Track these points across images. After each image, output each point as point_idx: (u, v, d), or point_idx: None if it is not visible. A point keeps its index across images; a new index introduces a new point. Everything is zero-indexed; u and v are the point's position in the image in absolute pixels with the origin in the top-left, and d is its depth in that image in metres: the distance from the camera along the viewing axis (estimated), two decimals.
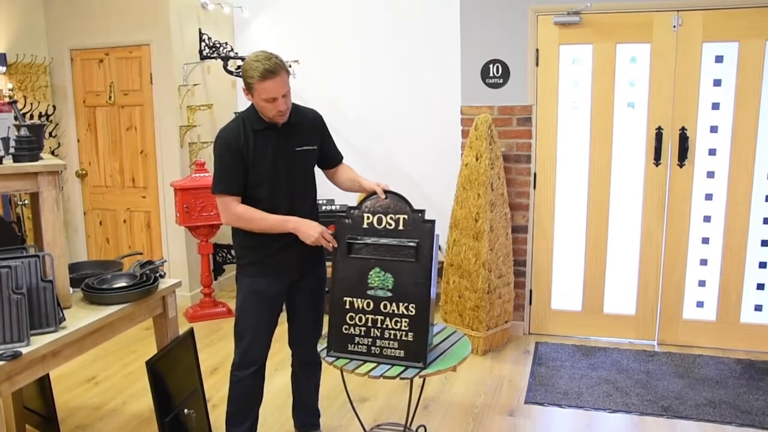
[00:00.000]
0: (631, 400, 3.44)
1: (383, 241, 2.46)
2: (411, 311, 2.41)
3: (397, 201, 2.50)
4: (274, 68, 2.38)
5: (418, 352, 2.40)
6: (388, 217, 2.47)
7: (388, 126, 5.19)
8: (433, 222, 2.43)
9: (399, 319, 2.42)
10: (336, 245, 2.51)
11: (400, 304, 2.42)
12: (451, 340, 2.66)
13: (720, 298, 4.09)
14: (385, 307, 2.44)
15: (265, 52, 2.42)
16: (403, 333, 2.41)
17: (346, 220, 2.53)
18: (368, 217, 2.50)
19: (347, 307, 2.49)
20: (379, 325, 2.45)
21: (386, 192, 2.54)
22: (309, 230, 2.49)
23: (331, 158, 2.79)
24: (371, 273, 2.46)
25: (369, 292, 2.46)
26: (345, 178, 2.79)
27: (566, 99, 4.18)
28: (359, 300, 2.48)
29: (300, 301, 2.77)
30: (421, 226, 2.43)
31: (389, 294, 2.44)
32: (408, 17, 5.02)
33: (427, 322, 2.41)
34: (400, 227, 2.45)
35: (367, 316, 2.46)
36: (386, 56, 5.13)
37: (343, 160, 2.85)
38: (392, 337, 2.43)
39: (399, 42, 5.07)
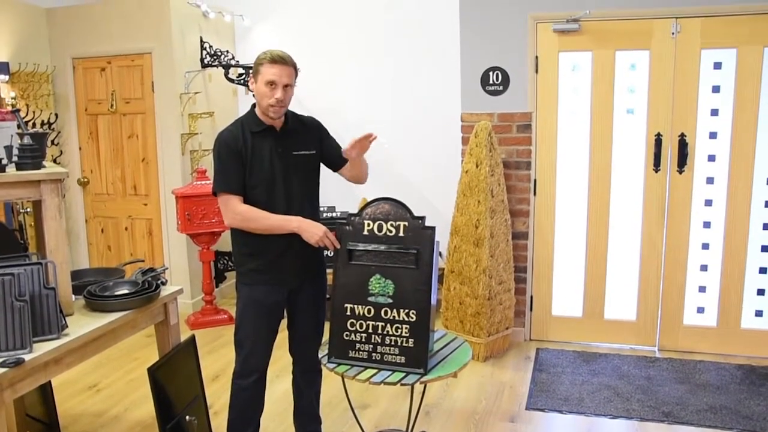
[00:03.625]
0: (632, 406, 3.44)
1: (383, 247, 2.47)
2: (412, 318, 2.41)
3: (397, 208, 2.51)
4: (285, 57, 2.50)
5: (418, 358, 2.40)
6: (389, 223, 2.48)
7: (388, 133, 5.20)
8: (433, 229, 2.44)
9: (400, 326, 2.43)
10: (339, 246, 2.52)
11: (401, 310, 2.43)
12: (451, 347, 2.67)
13: (720, 303, 4.09)
14: (385, 313, 2.45)
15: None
16: (404, 339, 2.42)
17: (347, 227, 2.54)
18: (369, 224, 2.51)
19: (348, 313, 2.50)
20: (379, 331, 2.45)
21: (386, 198, 2.53)
22: (312, 229, 2.50)
23: (336, 158, 2.77)
24: (372, 280, 2.47)
25: (370, 299, 2.47)
26: (351, 167, 2.77)
27: (566, 106, 4.19)
28: (360, 306, 2.49)
29: (301, 308, 2.77)
30: (421, 232, 2.44)
31: (390, 300, 2.44)
32: (408, 25, 5.05)
33: (428, 329, 2.42)
34: (401, 234, 2.46)
35: (367, 322, 2.47)
36: (387, 64, 5.15)
37: None
38: (393, 343, 2.43)
39: (399, 50, 5.10)
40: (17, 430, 3.01)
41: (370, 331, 2.47)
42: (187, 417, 2.68)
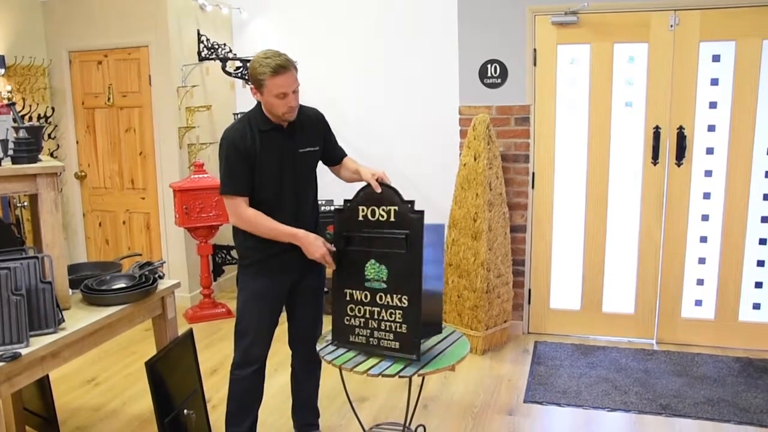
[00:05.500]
0: (629, 399, 3.44)
1: (376, 232, 2.46)
2: (404, 303, 2.40)
3: (388, 192, 2.48)
4: (285, 63, 2.41)
5: (411, 344, 2.40)
6: (381, 208, 2.47)
7: (386, 126, 5.20)
8: (421, 213, 2.40)
9: (393, 311, 2.43)
10: (334, 267, 2.52)
11: (394, 295, 2.43)
12: (449, 340, 2.66)
13: (718, 296, 4.10)
14: (380, 298, 2.46)
15: (273, 50, 2.45)
16: (398, 325, 2.42)
17: (343, 213, 2.54)
18: (362, 209, 2.50)
19: (348, 298, 2.52)
20: (375, 316, 2.47)
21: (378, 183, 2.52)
22: (312, 249, 2.50)
23: (334, 155, 2.79)
24: (367, 265, 2.47)
25: (366, 284, 2.48)
26: (347, 170, 2.78)
27: (564, 98, 4.18)
28: (358, 292, 2.50)
29: (300, 300, 2.79)
30: (410, 217, 2.42)
31: (384, 286, 2.44)
32: (406, 17, 5.03)
33: (420, 314, 2.39)
34: (392, 219, 2.45)
35: (365, 307, 2.49)
36: (384, 57, 5.14)
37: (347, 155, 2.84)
38: (388, 328, 2.44)
39: (397, 42, 5.08)
40: (15, 424, 3.03)
41: (368, 316, 2.48)
42: (185, 411, 2.69)
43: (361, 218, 2.50)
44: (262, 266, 2.63)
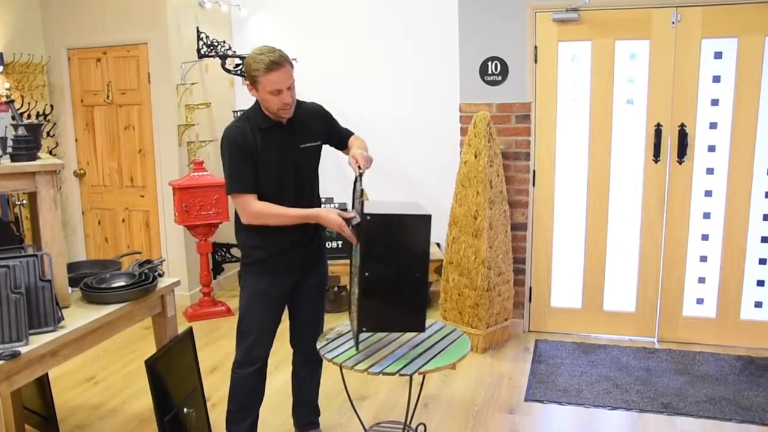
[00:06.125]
0: (631, 397, 3.43)
1: (349, 216, 2.47)
2: (356, 292, 2.42)
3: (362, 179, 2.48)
4: (279, 60, 2.39)
5: (356, 333, 2.42)
6: (364, 194, 2.50)
7: (387, 124, 5.19)
8: (361, 202, 2.38)
9: (355, 298, 2.47)
10: (356, 241, 2.47)
11: (356, 283, 2.45)
12: (450, 338, 2.65)
13: (720, 294, 4.08)
14: (354, 284, 2.50)
15: (268, 46, 2.44)
16: (356, 309, 2.44)
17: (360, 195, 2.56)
18: (361, 193, 2.54)
19: (355, 278, 2.56)
20: (354, 299, 2.52)
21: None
22: (327, 223, 2.48)
23: (341, 141, 2.78)
24: (355, 249, 2.50)
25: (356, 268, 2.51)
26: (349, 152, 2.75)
27: (565, 96, 4.17)
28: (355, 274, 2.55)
29: (302, 299, 2.78)
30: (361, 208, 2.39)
31: (356, 271, 2.47)
32: (406, 14, 5.02)
33: (362, 306, 2.36)
34: (363, 206, 2.45)
35: (355, 288, 2.53)
36: (385, 54, 5.13)
37: (354, 134, 2.82)
38: (354, 311, 2.49)
39: (397, 40, 5.07)
40: (14, 422, 3.02)
41: (353, 297, 2.53)
42: (185, 409, 2.68)
43: (362, 200, 2.52)
44: (264, 265, 2.62)
